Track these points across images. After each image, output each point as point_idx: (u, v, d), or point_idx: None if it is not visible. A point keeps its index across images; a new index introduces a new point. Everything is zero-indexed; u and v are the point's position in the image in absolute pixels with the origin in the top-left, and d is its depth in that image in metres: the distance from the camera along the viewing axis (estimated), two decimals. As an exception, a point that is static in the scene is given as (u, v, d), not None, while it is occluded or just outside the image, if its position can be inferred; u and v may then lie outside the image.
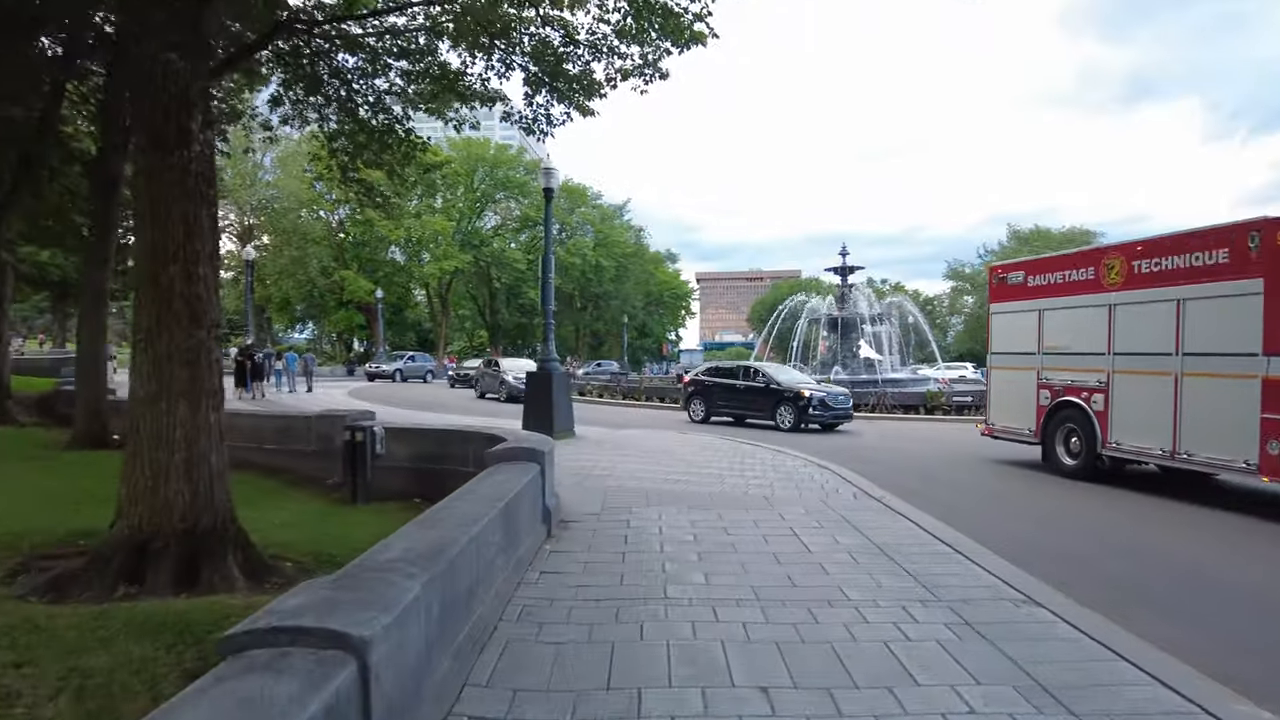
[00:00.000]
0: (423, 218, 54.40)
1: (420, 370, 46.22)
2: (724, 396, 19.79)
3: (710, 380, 20.50)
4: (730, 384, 19.77)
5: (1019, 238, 61.46)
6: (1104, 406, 10.50)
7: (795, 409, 17.80)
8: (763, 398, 18.61)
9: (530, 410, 13.81)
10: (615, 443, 13.13)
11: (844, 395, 18.76)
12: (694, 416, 20.19)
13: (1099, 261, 10.95)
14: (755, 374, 19.51)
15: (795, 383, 18.92)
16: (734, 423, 19.19)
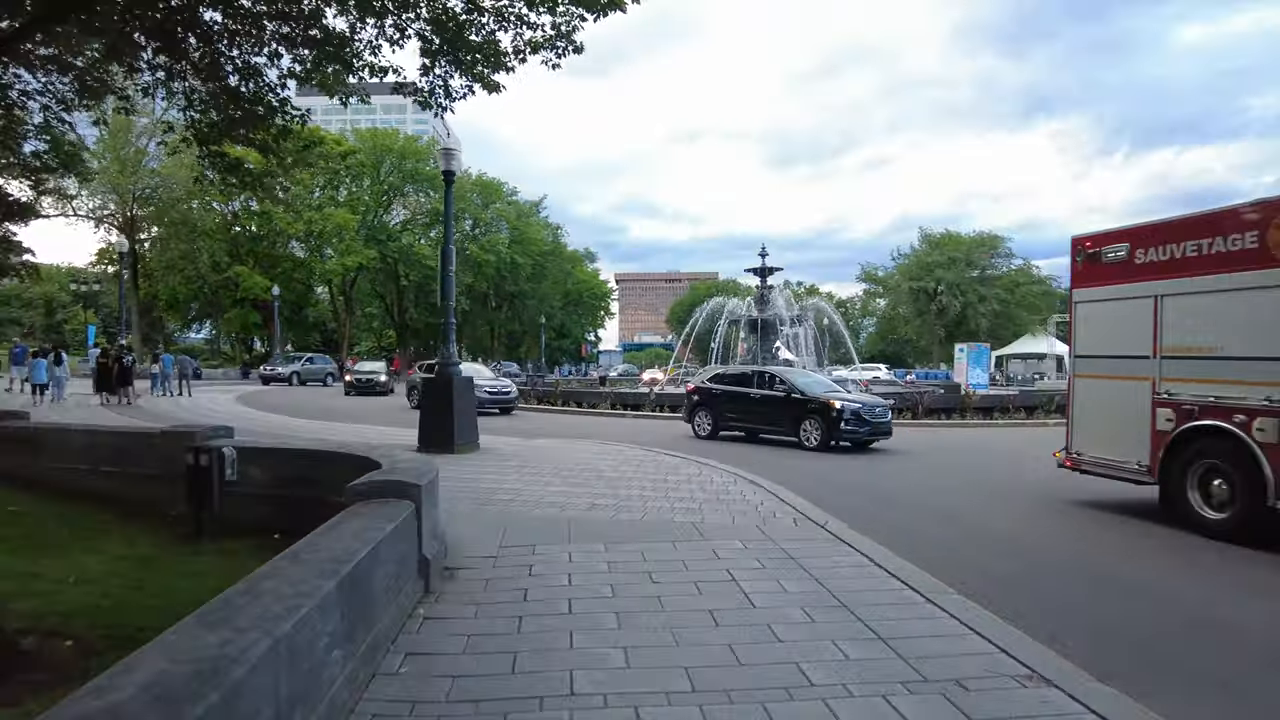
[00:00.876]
0: (325, 210, 51.24)
1: (320, 373, 43.41)
2: (735, 407, 16.80)
3: (718, 389, 17.40)
4: (742, 393, 16.70)
5: (930, 241, 62.94)
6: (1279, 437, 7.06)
7: (824, 423, 14.77)
8: (783, 409, 15.64)
9: (427, 421, 12.30)
10: (526, 457, 11.75)
11: (882, 406, 15.74)
12: (699, 430, 17.15)
13: (1269, 222, 7.28)
14: (774, 381, 16.41)
15: (823, 391, 15.86)
16: (746, 438, 16.62)
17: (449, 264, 12.50)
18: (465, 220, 61.90)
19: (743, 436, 16.70)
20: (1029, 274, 61.89)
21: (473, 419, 12.62)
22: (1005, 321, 58.27)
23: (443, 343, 12.65)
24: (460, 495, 8.36)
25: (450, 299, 12.52)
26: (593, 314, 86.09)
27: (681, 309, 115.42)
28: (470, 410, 12.54)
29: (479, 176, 64.70)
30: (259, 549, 6.39)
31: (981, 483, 11.38)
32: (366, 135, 58.35)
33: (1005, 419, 21.79)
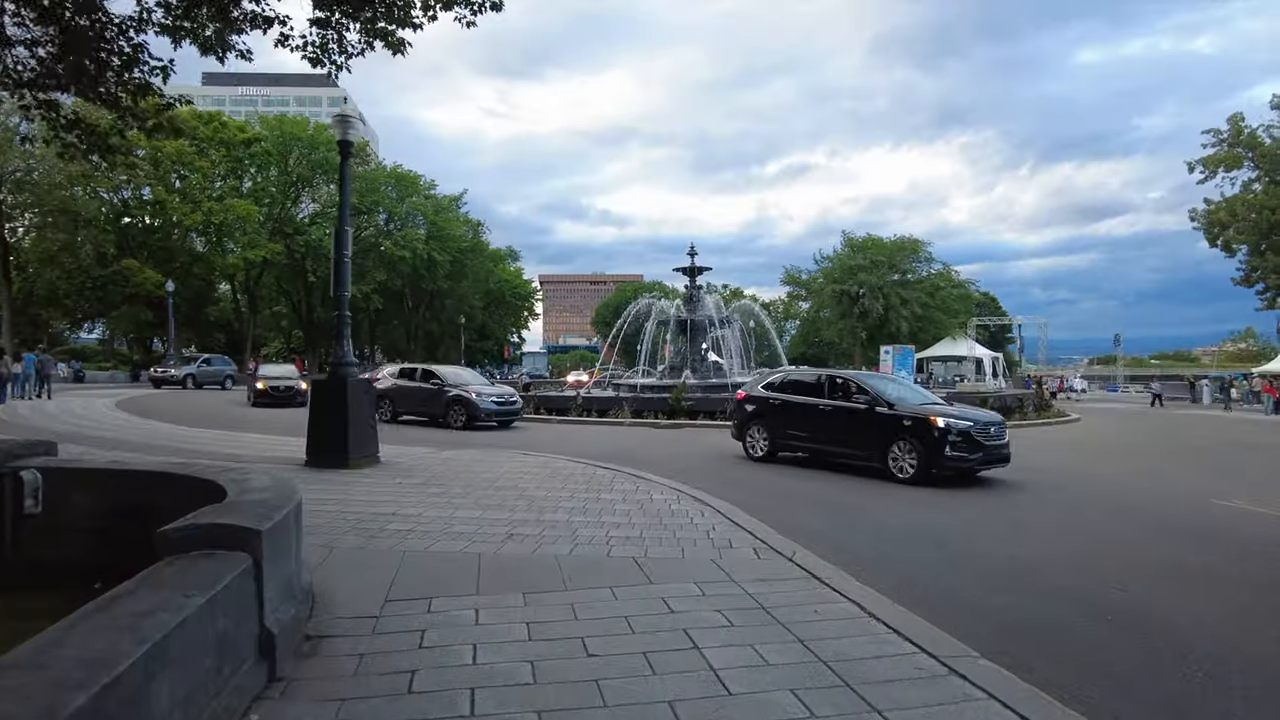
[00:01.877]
0: (226, 201, 47.64)
1: (218, 375, 40.13)
2: (801, 422, 12.86)
3: (778, 398, 13.37)
4: (809, 404, 12.83)
5: (852, 244, 63.47)
6: None
7: (922, 447, 10.94)
8: (865, 427, 11.79)
9: (317, 430, 10.57)
10: (434, 472, 10.17)
11: (998, 424, 11.66)
12: (753, 450, 13.45)
13: None
14: (851, 389, 12.39)
15: (919, 403, 12.16)
16: (810, 461, 12.78)
17: (343, 248, 10.81)
18: (379, 214, 58.93)
19: (806, 458, 13.00)
20: (949, 278, 63.14)
21: (371, 428, 10.95)
22: (926, 324, 59.20)
23: (335, 341, 10.94)
24: (344, 525, 6.80)
25: (344, 289, 10.83)
26: (516, 315, 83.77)
27: (607, 310, 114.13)
28: (367, 418, 10.87)
29: (395, 168, 61.74)
30: (69, 600, 4.72)
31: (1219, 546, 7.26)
32: (273, 123, 54.78)
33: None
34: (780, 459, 13.23)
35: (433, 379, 20.14)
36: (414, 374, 21.09)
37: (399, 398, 20.45)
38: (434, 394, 19.62)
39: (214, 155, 48.47)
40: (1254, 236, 39.27)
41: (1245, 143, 40.72)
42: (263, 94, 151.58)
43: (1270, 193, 38.11)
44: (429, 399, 19.77)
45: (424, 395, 19.97)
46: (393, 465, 10.70)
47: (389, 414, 19.87)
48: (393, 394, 20.45)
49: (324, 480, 9.29)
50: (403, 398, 20.45)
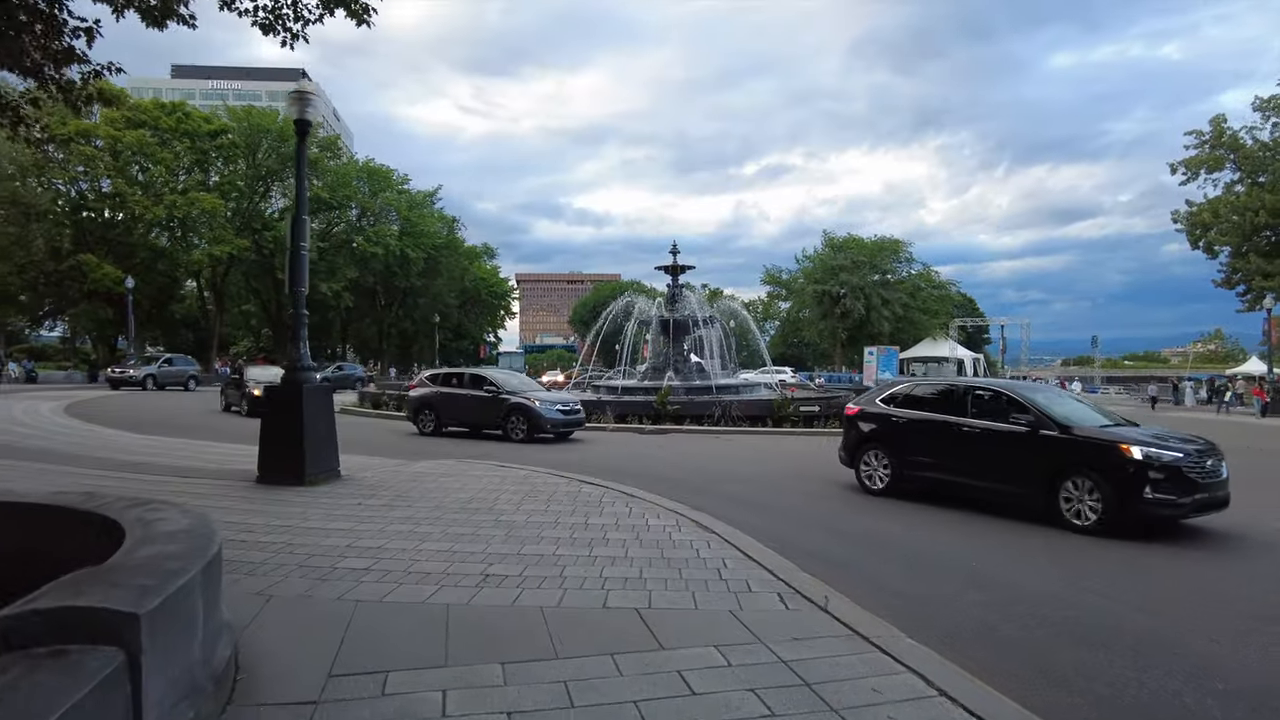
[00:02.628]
0: (190, 194, 45.78)
1: (180, 376, 38.43)
2: (936, 447, 9.77)
3: (903, 415, 10.23)
4: (945, 423, 9.68)
5: (833, 244, 62.98)
6: None
7: (1110, 486, 8.13)
8: (1026, 456, 8.84)
9: (270, 443, 9.43)
10: (400, 490, 9.09)
11: (1214, 454, 8.54)
12: (870, 480, 10.35)
13: None
14: (1001, 404, 9.35)
15: (1096, 424, 8.96)
16: (941, 497, 9.72)
17: (300, 239, 9.69)
18: (351, 210, 57.26)
19: (932, 491, 9.86)
20: (930, 278, 62.89)
21: (331, 439, 9.83)
22: (906, 325, 58.87)
23: (291, 342, 9.82)
24: (290, 563, 5.73)
25: (301, 284, 9.70)
26: (492, 313, 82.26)
27: (585, 310, 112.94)
28: (326, 428, 9.74)
29: (367, 162, 60.07)
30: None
31: None
32: (241, 114, 52.88)
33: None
34: (905, 493, 10.08)
35: (486, 385, 17.83)
36: (461, 379, 18.63)
37: (444, 406, 18.21)
38: (488, 402, 17.41)
39: (178, 147, 46.63)
40: (1236, 238, 39.15)
41: (1227, 144, 40.62)
42: (233, 87, 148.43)
43: (1253, 194, 37.99)
44: (482, 408, 17.55)
45: (476, 404, 17.70)
46: (355, 481, 9.59)
47: (432, 425, 18.13)
48: (436, 402, 18.30)
49: (275, 501, 8.18)
50: (449, 406, 18.16)
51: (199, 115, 47.94)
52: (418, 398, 18.81)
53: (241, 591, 5.02)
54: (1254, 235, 38.42)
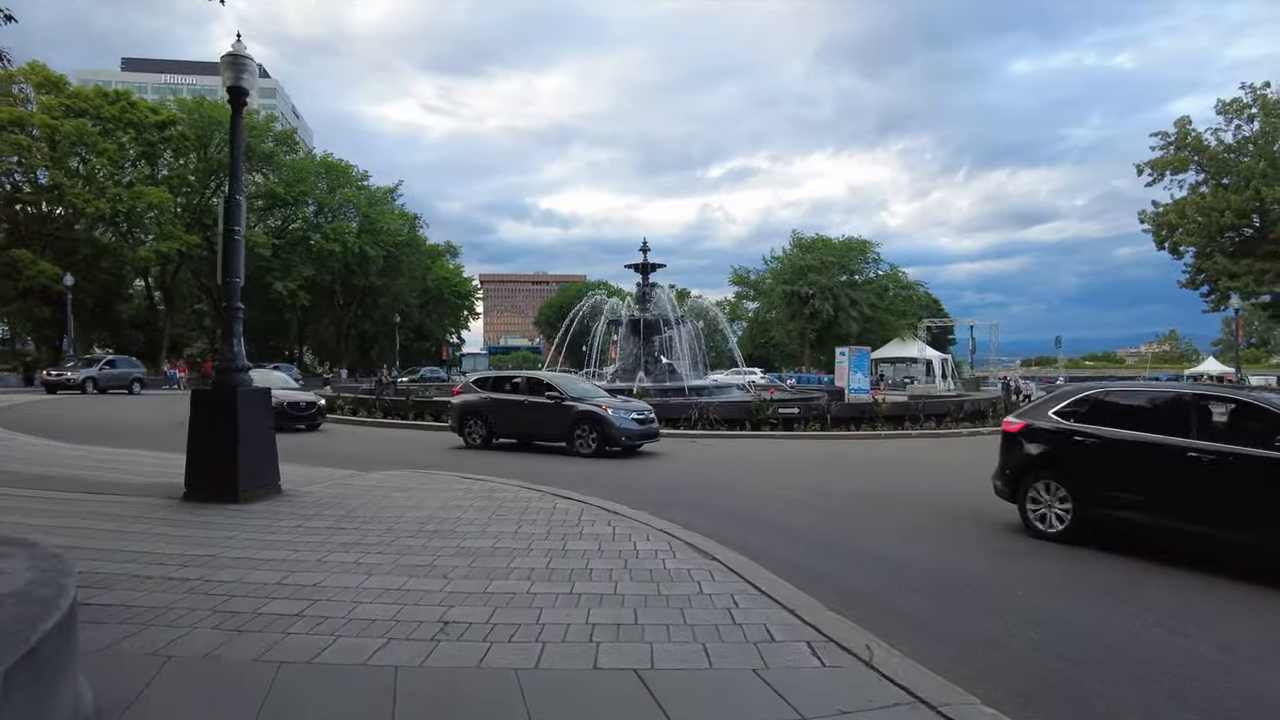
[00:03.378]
0: (135, 187, 43.54)
1: (124, 379, 36.35)
2: (1144, 478, 7.05)
3: (1090, 434, 7.52)
4: (1164, 447, 6.92)
5: (801, 245, 62.60)
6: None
7: None
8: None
9: (199, 454, 8.24)
10: (348, 507, 7.97)
11: None
12: (1043, 523, 7.65)
13: None
14: (1247, 414, 6.70)
15: None
16: (1156, 551, 6.94)
17: (234, 223, 8.51)
18: (308, 206, 55.21)
19: (1136, 539, 7.19)
20: (897, 279, 62.85)
21: (269, 449, 8.67)
22: (874, 326, 58.69)
23: (224, 339, 8.63)
24: (203, 607, 4.64)
25: (236, 274, 8.53)
26: (455, 314, 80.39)
27: (550, 310, 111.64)
28: (264, 437, 8.58)
29: (325, 157, 58.04)
30: None
31: None
32: (191, 105, 50.67)
33: (919, 429, 19.82)
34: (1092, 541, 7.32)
35: (547, 390, 15.36)
36: (515, 384, 15.96)
37: (497, 415, 15.69)
38: (551, 410, 15.00)
39: (122, 138, 44.33)
40: (1202, 239, 39.44)
41: (1191, 145, 40.95)
42: (187, 82, 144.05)
43: (1218, 195, 38.27)
44: (544, 417, 15.12)
45: (535, 412, 15.26)
46: (297, 498, 8.44)
47: (480, 436, 15.75)
48: (486, 410, 15.78)
49: (200, 523, 7.03)
50: (502, 415, 15.67)
51: (145, 105, 45.67)
52: (464, 405, 16.13)
53: (132, 650, 3.95)
54: (1219, 235, 38.73)
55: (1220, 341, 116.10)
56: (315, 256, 52.95)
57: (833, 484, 11.18)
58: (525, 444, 15.68)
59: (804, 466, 13.64)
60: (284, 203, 53.06)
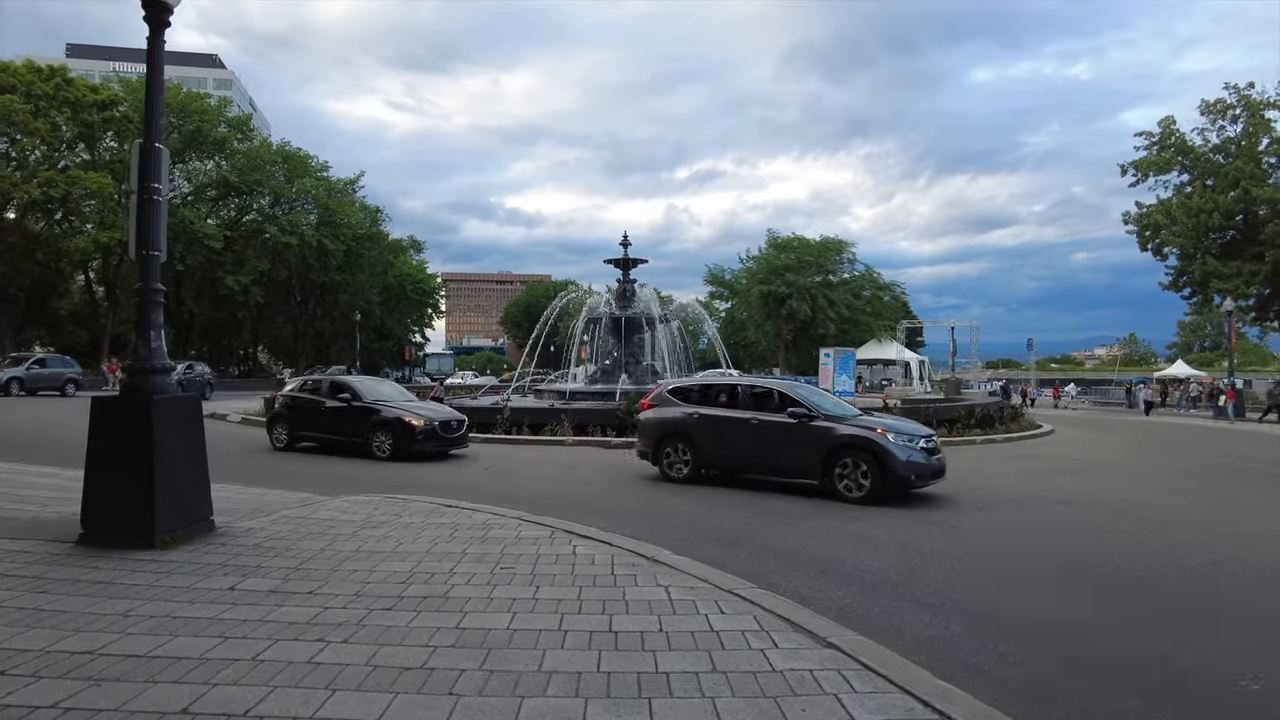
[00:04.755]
0: (71, 172, 40.33)
1: (56, 380, 33.37)
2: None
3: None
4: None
5: (776, 244, 61.27)
6: None
7: None
8: None
9: (101, 480, 6.20)
10: (301, 556, 6.01)
11: None
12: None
13: None
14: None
15: None
16: None
17: (152, 179, 6.50)
18: (264, 197, 52.15)
19: None
20: (874, 279, 61.89)
21: (198, 474, 6.66)
22: (851, 327, 57.58)
23: (138, 331, 6.58)
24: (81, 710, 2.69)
25: (155, 246, 6.52)
26: (418, 312, 77.46)
27: (517, 310, 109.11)
28: (190, 457, 6.56)
29: (283, 145, 54.93)
30: None
31: None
32: (135, 85, 47.37)
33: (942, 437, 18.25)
34: None
35: (790, 404, 10.77)
36: (732, 395, 11.61)
37: (708, 437, 11.40)
38: (789, 433, 10.53)
39: (57, 117, 41.02)
40: (1188, 239, 38.85)
41: (1176, 146, 40.43)
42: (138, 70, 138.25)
43: (1205, 195, 37.70)
44: (778, 442, 10.73)
45: (765, 436, 10.82)
46: (234, 539, 6.45)
47: (686, 468, 11.50)
48: (693, 431, 11.45)
49: (88, 584, 5.05)
50: (717, 437, 11.34)
51: (84, 84, 42.36)
52: (661, 422, 11.85)
53: None
54: (1205, 236, 38.17)
55: (1175, 345, 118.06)
56: (271, 250, 50.03)
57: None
58: (729, 478, 11.58)
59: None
60: (237, 192, 50.00)
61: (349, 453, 14.49)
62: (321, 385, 15.87)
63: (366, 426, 14.19)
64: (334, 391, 15.20)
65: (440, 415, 14.42)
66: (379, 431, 14.04)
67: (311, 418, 15.12)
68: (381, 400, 14.79)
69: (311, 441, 15.25)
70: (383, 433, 14.00)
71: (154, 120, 6.66)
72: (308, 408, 15.27)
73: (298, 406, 15.48)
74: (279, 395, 16.85)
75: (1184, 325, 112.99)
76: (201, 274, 48.74)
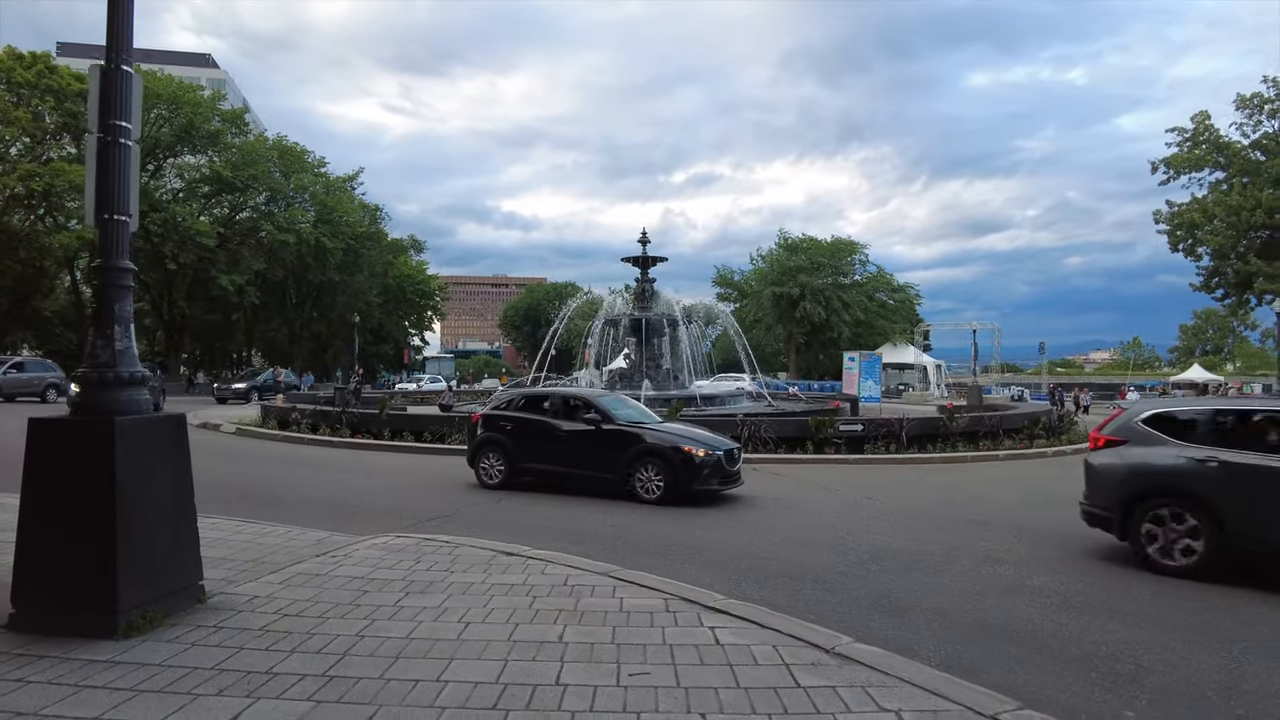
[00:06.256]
0: (54, 164, 38.27)
1: (37, 384, 31.27)
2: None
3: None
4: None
5: (788, 245, 59.54)
6: None
7: None
8: None
9: (37, 541, 4.34)
10: (325, 650, 4.15)
11: None
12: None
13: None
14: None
15: None
16: None
17: (119, 114, 4.68)
18: (259, 193, 50.06)
19: None
20: (888, 281, 60.27)
21: (182, 525, 4.79)
22: (866, 330, 55.92)
23: (95, 327, 4.71)
24: None
25: (119, 208, 4.67)
26: (418, 314, 75.31)
27: (516, 312, 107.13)
28: (170, 502, 4.69)
29: (279, 139, 52.79)
30: None
31: None
32: (124, 75, 45.28)
33: (1002, 448, 16.53)
34: None
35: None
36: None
37: None
38: None
39: (39, 106, 38.97)
40: (1228, 238, 37.24)
41: (1211, 142, 38.89)
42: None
43: (1246, 193, 36.10)
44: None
45: None
46: (230, 619, 4.60)
47: None
48: None
49: (10, 712, 3.23)
50: None
51: (68, 72, 40.22)
52: None
53: None
54: (1246, 235, 36.58)
55: (1176, 349, 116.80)
56: (266, 249, 47.99)
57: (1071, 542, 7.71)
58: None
59: (968, 511, 10.09)
60: (232, 188, 47.90)
61: (595, 492, 10.80)
62: (552, 402, 11.85)
63: (626, 458, 10.51)
64: (571, 410, 11.45)
65: (720, 443, 10.93)
66: (646, 464, 10.39)
67: (540, 444, 11.30)
68: (638, 422, 11.23)
69: (537, 476, 11.38)
70: (652, 466, 10.35)
71: (121, 34, 4.82)
72: (533, 431, 11.42)
73: (519, 430, 11.52)
74: (484, 413, 12.49)
75: (1185, 329, 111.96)
76: (194, 273, 46.65)
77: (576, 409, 11.40)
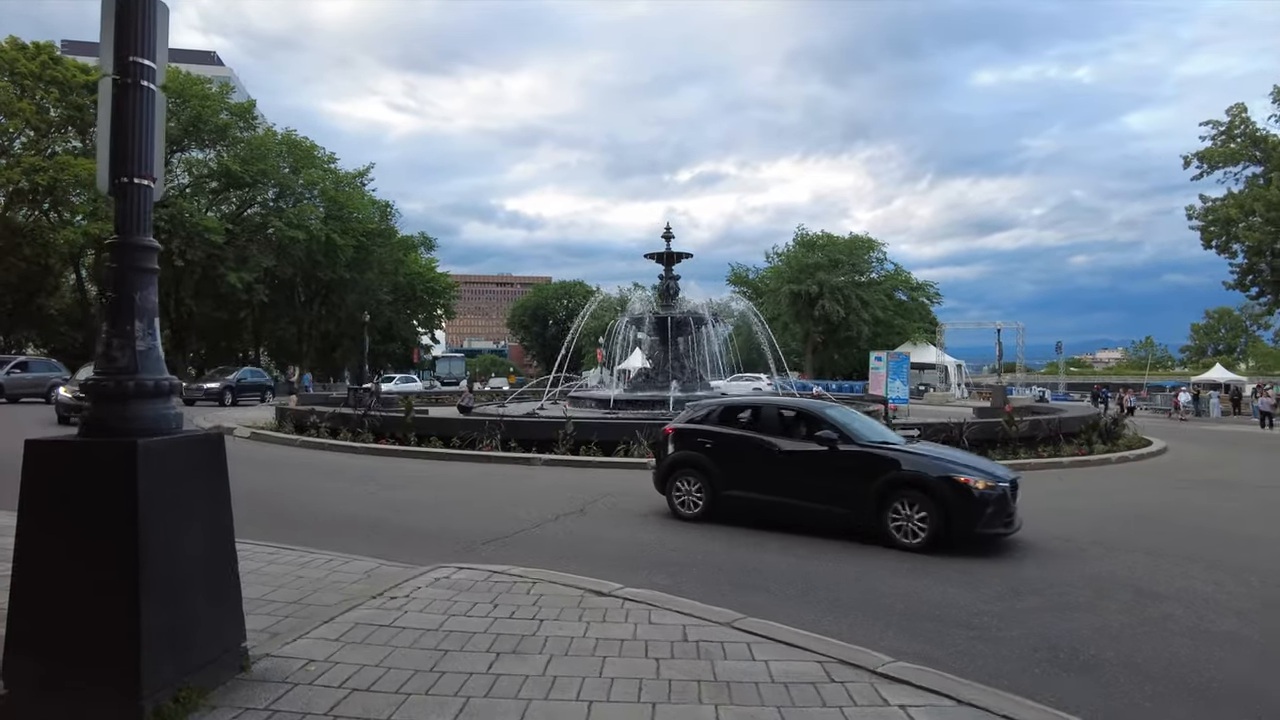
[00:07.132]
0: (59, 158, 37.27)
1: (40, 384, 30.33)
2: None
3: None
4: None
5: (804, 241, 58.45)
6: None
7: None
8: None
9: (43, 584, 3.33)
10: None
11: None
12: None
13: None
14: None
15: None
16: None
17: (139, 50, 3.66)
18: (268, 189, 49.05)
19: None
20: (907, 280, 59.19)
21: (222, 579, 3.79)
22: (885, 330, 54.82)
23: (108, 324, 3.71)
24: None
25: (138, 170, 3.66)
26: (428, 312, 74.14)
27: (523, 311, 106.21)
28: (205, 546, 3.69)
29: (288, 134, 51.72)
30: None
31: None
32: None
33: (1066, 454, 15.47)
34: None
35: None
36: None
37: None
38: None
39: (43, 99, 37.96)
40: (1267, 234, 36.08)
41: (1247, 136, 37.73)
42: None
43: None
44: None
45: None
46: (286, 692, 3.59)
47: None
48: None
49: None
50: None
51: (73, 64, 39.23)
52: None
53: None
54: (1290, 229, 35.43)
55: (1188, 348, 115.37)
56: (275, 246, 46.95)
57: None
58: None
59: (1096, 530, 9.01)
60: (240, 184, 46.89)
61: (828, 531, 8.35)
62: (768, 414, 9.38)
63: (875, 488, 8.06)
64: (794, 426, 9.05)
65: (1000, 472, 8.34)
66: (904, 498, 7.94)
67: (753, 468, 8.97)
68: (884, 442, 8.72)
69: (745, 506, 8.96)
70: (912, 501, 7.89)
71: None
72: (743, 450, 9.10)
73: (723, 448, 9.23)
74: (677, 426, 9.89)
75: (1197, 328, 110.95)
76: (202, 271, 45.65)
77: (799, 424, 8.96)
